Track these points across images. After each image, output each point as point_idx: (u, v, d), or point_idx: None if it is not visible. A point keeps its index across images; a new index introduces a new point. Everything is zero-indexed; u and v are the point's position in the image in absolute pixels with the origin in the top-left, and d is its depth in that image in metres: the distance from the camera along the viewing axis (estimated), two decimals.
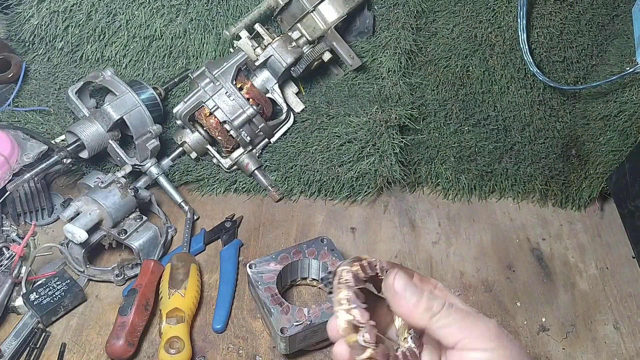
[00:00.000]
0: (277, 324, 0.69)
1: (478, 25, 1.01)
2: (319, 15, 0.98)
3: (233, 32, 0.98)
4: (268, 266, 0.76)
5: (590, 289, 0.88)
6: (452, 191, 1.00)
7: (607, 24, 1.03)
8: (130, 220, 0.85)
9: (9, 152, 0.85)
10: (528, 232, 0.95)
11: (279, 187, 0.98)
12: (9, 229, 0.87)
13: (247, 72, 0.99)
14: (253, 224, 0.94)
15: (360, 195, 0.98)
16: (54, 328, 0.78)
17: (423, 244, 0.93)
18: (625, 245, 0.93)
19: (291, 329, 0.69)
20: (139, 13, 0.98)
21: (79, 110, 0.92)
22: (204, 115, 0.95)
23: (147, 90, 0.95)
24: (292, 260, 0.77)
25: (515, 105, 1.03)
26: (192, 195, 0.98)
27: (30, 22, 0.97)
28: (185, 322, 0.75)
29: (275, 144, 1.01)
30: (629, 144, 0.93)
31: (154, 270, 0.80)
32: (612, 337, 0.82)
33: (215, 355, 0.76)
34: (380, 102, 0.97)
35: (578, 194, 0.99)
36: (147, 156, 0.93)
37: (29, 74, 1.02)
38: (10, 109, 0.98)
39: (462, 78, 1.03)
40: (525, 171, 1.00)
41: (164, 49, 1.02)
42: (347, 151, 0.96)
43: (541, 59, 1.02)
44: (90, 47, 1.00)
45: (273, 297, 0.72)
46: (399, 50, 1.00)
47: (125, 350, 0.73)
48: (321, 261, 0.77)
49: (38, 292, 0.77)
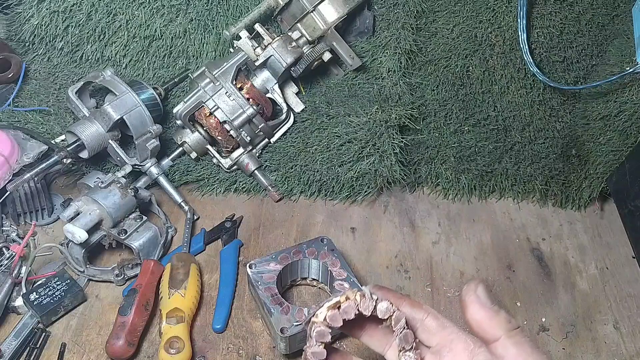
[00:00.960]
0: (277, 324, 0.69)
1: (478, 25, 1.01)
2: (319, 15, 0.98)
3: (233, 32, 0.98)
4: (268, 266, 0.76)
5: (590, 289, 0.88)
6: (452, 191, 1.00)
7: (607, 24, 1.03)
8: (130, 220, 0.85)
9: (9, 152, 0.85)
10: (528, 232, 0.95)
11: (279, 187, 0.98)
12: (9, 229, 0.87)
13: (247, 72, 0.99)
14: (253, 224, 0.94)
15: (360, 195, 0.98)
16: (54, 328, 0.78)
17: (423, 244, 0.93)
18: (625, 245, 0.93)
19: (291, 329, 0.69)
20: (139, 13, 0.98)
21: (79, 110, 0.92)
22: (204, 115, 0.95)
23: (147, 90, 0.95)
24: (292, 260, 0.77)
25: (515, 105, 1.03)
26: (192, 195, 0.98)
27: (30, 22, 0.97)
28: (185, 322, 0.75)
29: (275, 144, 1.01)
30: (629, 144, 0.93)
31: (154, 270, 0.80)
32: (612, 337, 0.82)
33: (215, 355, 0.76)
34: (380, 102, 0.97)
35: (578, 194, 0.99)
36: (147, 156, 0.93)
37: (29, 74, 1.02)
38: (10, 109, 0.98)
39: (462, 78, 1.03)
40: (525, 171, 1.00)
41: (164, 49, 1.02)
42: (347, 151, 0.96)
43: (541, 59, 1.02)
44: (90, 47, 1.00)
45: (273, 297, 0.72)
46: (399, 50, 1.00)
47: (125, 350, 0.73)
48: (321, 261, 0.78)
49: (38, 292, 0.77)
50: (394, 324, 0.48)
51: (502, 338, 0.43)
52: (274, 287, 0.74)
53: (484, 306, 0.44)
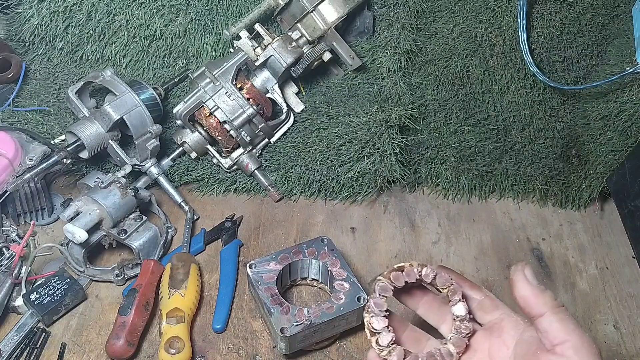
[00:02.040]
0: (277, 324, 0.69)
1: (478, 25, 1.01)
2: (319, 15, 0.98)
3: (233, 32, 0.98)
4: (268, 266, 0.76)
5: (590, 289, 0.88)
6: (452, 191, 1.00)
7: (607, 24, 1.03)
8: (130, 220, 0.85)
9: (12, 155, 0.85)
10: (528, 232, 0.95)
11: (279, 187, 0.98)
12: (9, 229, 0.87)
13: (247, 72, 0.99)
14: (253, 224, 0.94)
15: (360, 195, 0.98)
16: (53, 328, 0.78)
17: (423, 244, 0.93)
18: (625, 245, 0.93)
19: (291, 329, 0.69)
20: (139, 13, 0.98)
21: (79, 110, 0.92)
22: (204, 115, 0.95)
23: (147, 90, 0.95)
24: (292, 260, 0.77)
25: (515, 105, 1.03)
26: (192, 195, 0.98)
27: (30, 22, 0.97)
28: (185, 322, 0.75)
29: (275, 144, 1.01)
30: (629, 144, 0.93)
31: (154, 270, 0.80)
32: (612, 337, 0.82)
33: (215, 355, 0.76)
34: (380, 102, 0.97)
35: (578, 194, 0.99)
36: (147, 156, 0.93)
37: (29, 74, 1.02)
38: (10, 109, 0.98)
39: (462, 78, 1.03)
40: (525, 171, 1.00)
41: (164, 49, 1.02)
42: (347, 151, 0.96)
43: (541, 59, 1.02)
44: (90, 47, 1.00)
45: (273, 297, 0.72)
46: (399, 50, 1.00)
47: (125, 350, 0.73)
48: (321, 261, 0.78)
49: (38, 292, 0.77)
50: (451, 294, 0.54)
51: (546, 314, 0.46)
52: (274, 287, 0.74)
53: (530, 284, 0.48)
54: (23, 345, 0.75)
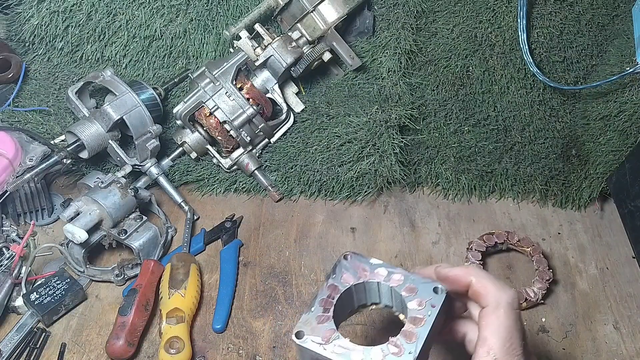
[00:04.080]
0: (301, 322, 0.55)
1: (478, 25, 1.01)
2: (319, 15, 0.98)
3: (233, 32, 0.98)
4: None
5: (590, 289, 0.88)
6: (452, 191, 1.00)
7: (607, 24, 1.03)
8: (130, 220, 0.85)
9: (13, 155, 0.85)
10: (528, 232, 0.95)
11: (279, 187, 0.98)
12: (9, 229, 0.87)
13: (247, 72, 0.99)
14: (253, 224, 0.94)
15: (360, 195, 0.98)
16: (53, 328, 0.78)
17: (423, 244, 0.93)
18: (625, 245, 0.93)
19: (306, 340, 0.53)
20: (139, 13, 0.98)
21: (79, 110, 0.92)
22: (204, 115, 0.95)
23: (147, 90, 0.95)
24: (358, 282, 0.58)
25: (515, 105, 1.03)
26: (192, 195, 0.98)
27: (30, 22, 0.97)
28: (185, 322, 0.75)
29: (275, 144, 1.01)
30: (629, 144, 0.93)
31: (154, 270, 0.80)
32: (612, 337, 0.82)
33: (215, 355, 0.76)
34: (380, 102, 0.97)
35: (578, 194, 0.99)
36: (147, 156, 0.93)
37: (29, 74, 1.02)
38: (10, 109, 0.98)
39: (462, 78, 1.02)
40: (525, 171, 1.00)
41: (164, 49, 1.02)
42: (347, 151, 0.96)
43: (541, 59, 1.02)
44: (90, 47, 1.00)
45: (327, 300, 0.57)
46: (399, 50, 1.00)
47: (125, 350, 0.73)
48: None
49: (38, 292, 0.77)
50: (533, 252, 0.87)
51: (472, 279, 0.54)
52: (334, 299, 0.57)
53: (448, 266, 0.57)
54: (23, 345, 0.75)
